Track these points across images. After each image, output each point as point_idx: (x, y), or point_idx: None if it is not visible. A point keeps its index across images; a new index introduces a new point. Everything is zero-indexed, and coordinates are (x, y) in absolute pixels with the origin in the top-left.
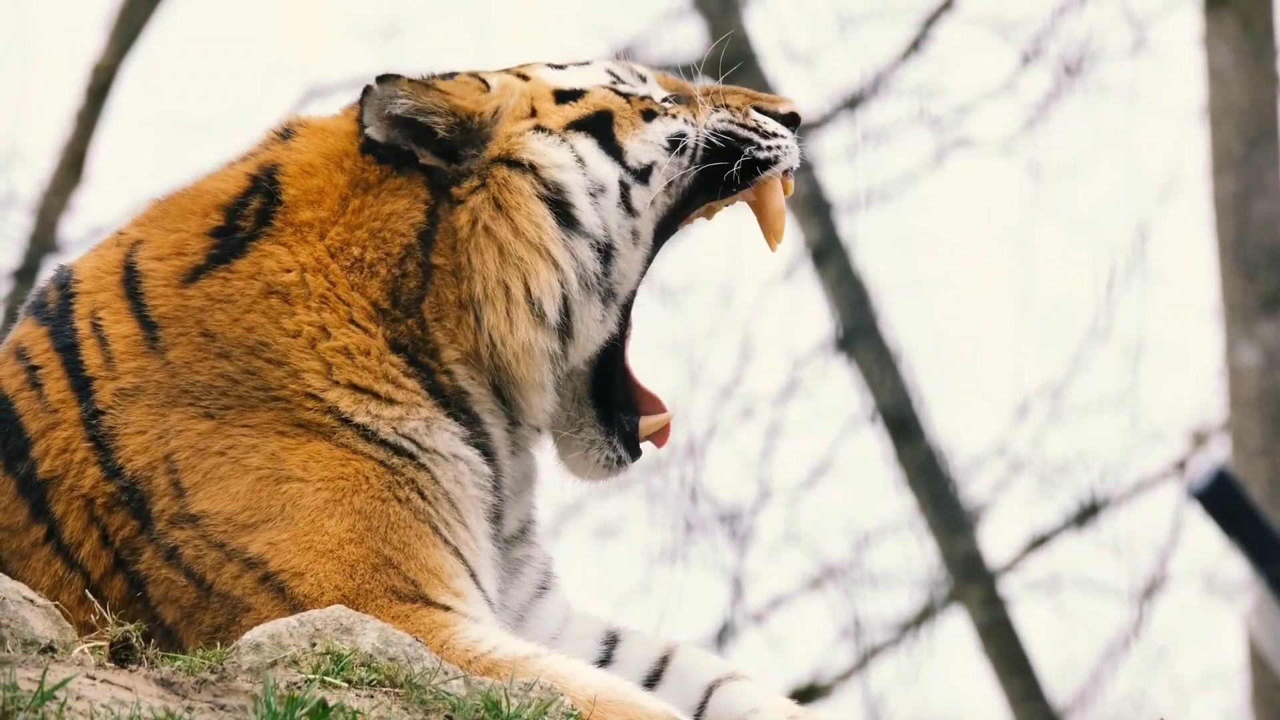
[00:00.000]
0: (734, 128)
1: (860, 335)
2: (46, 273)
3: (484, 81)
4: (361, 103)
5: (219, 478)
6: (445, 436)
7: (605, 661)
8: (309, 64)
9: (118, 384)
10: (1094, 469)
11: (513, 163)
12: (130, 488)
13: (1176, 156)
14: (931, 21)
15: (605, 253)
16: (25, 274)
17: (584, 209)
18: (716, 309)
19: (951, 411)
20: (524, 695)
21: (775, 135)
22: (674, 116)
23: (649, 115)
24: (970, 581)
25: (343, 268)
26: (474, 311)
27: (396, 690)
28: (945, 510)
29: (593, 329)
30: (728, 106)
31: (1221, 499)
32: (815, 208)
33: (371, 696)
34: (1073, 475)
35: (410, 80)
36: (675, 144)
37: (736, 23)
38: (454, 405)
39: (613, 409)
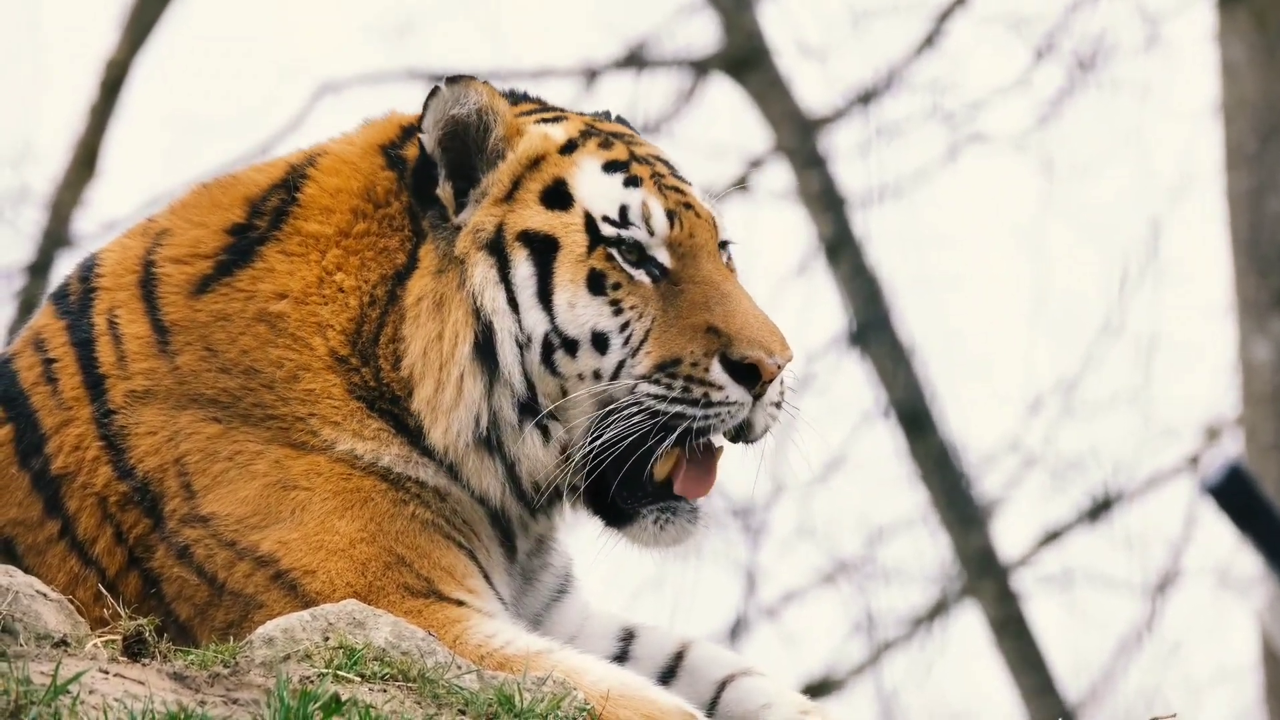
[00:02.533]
0: (663, 405)
1: (873, 330)
2: (62, 266)
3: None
4: (425, 105)
5: (228, 481)
6: (427, 471)
7: (621, 658)
8: (321, 62)
9: (129, 384)
10: (1107, 464)
11: (466, 264)
12: (142, 488)
13: (1190, 153)
14: (945, 17)
15: (526, 401)
16: (38, 269)
17: (506, 358)
18: None
19: (964, 407)
20: (537, 690)
21: (720, 404)
22: (617, 310)
23: (596, 283)
24: (983, 576)
25: (322, 298)
26: (409, 381)
27: (409, 684)
28: (958, 505)
29: (532, 455)
30: (678, 363)
31: (1234, 494)
32: (829, 203)
33: (384, 690)
34: (1086, 470)
35: (487, 84)
36: (601, 344)
37: (750, 18)
38: (424, 446)
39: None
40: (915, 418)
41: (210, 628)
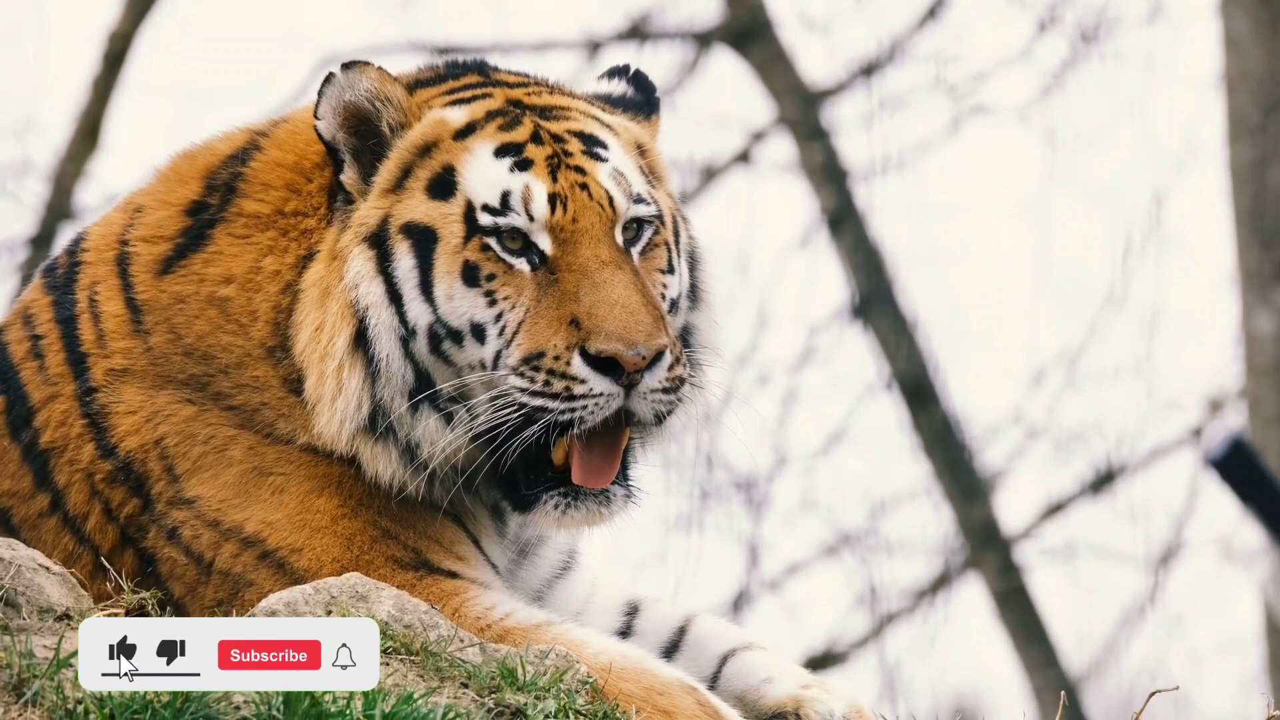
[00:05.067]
0: (525, 398)
1: (876, 303)
2: (65, 239)
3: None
4: (320, 92)
5: (208, 466)
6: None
7: (625, 632)
8: (324, 34)
9: (109, 363)
10: (1110, 436)
11: (346, 257)
12: (126, 467)
13: (1193, 124)
14: None
15: (415, 389)
16: (41, 241)
17: (383, 350)
18: (732, 276)
19: (967, 379)
20: (540, 663)
21: (584, 398)
22: (491, 301)
23: (470, 275)
24: (986, 549)
25: (255, 285)
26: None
27: (412, 658)
28: (961, 477)
29: (434, 436)
30: (541, 356)
31: (1237, 466)
32: (831, 175)
33: (387, 664)
34: (1089, 442)
35: (380, 69)
36: (479, 335)
37: None
38: None
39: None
40: (918, 390)
41: (201, 606)
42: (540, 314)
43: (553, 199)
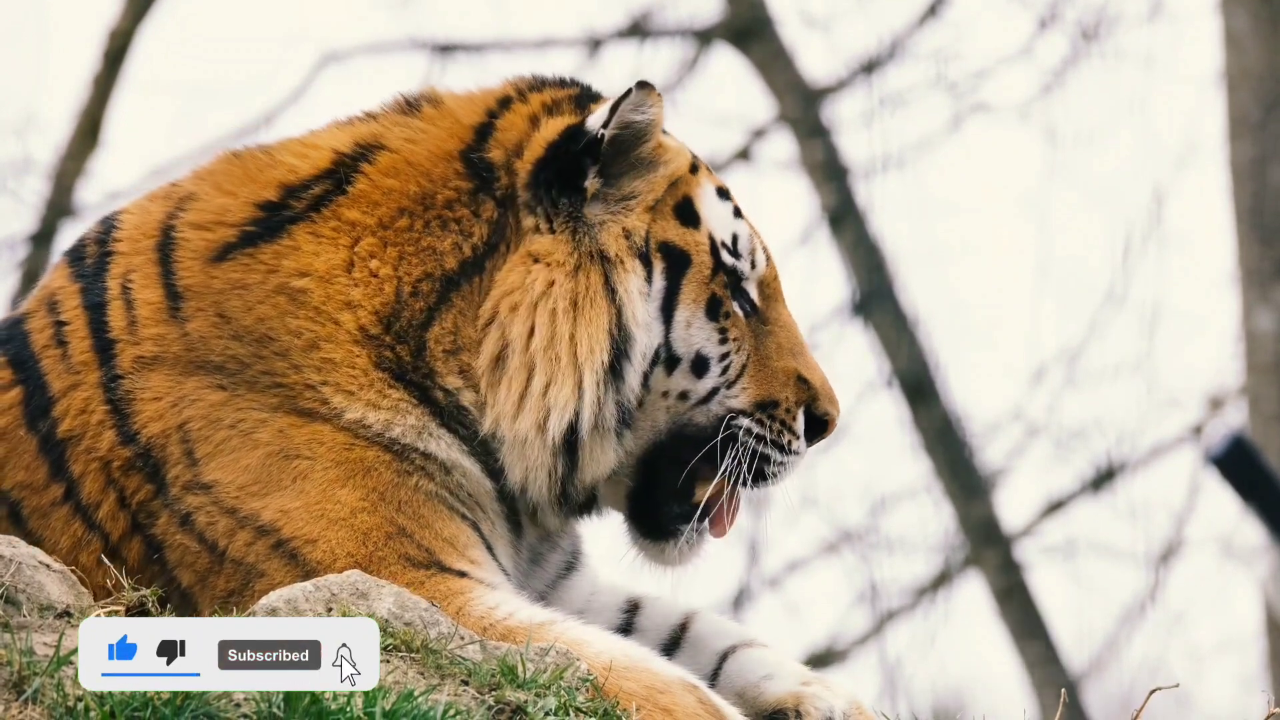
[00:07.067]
0: (760, 445)
1: (877, 300)
2: (65, 236)
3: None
4: (617, 103)
5: (230, 449)
6: (440, 444)
7: (626, 629)
8: (324, 31)
9: (139, 350)
10: (1110, 434)
11: (618, 269)
12: (145, 453)
13: (1193, 122)
14: None
15: (626, 408)
16: (41, 239)
17: (635, 371)
18: None
19: (968, 376)
20: (540, 661)
21: (793, 454)
22: (724, 339)
23: (713, 309)
24: (987, 546)
25: (352, 280)
26: (483, 375)
27: (412, 655)
28: (962, 475)
29: (600, 460)
30: (776, 405)
31: (1237, 464)
32: (832, 173)
33: (387, 661)
34: (1089, 440)
35: (661, 95)
36: (699, 367)
37: None
38: (450, 418)
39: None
40: (918, 387)
41: (211, 595)
42: (762, 362)
43: (766, 252)
